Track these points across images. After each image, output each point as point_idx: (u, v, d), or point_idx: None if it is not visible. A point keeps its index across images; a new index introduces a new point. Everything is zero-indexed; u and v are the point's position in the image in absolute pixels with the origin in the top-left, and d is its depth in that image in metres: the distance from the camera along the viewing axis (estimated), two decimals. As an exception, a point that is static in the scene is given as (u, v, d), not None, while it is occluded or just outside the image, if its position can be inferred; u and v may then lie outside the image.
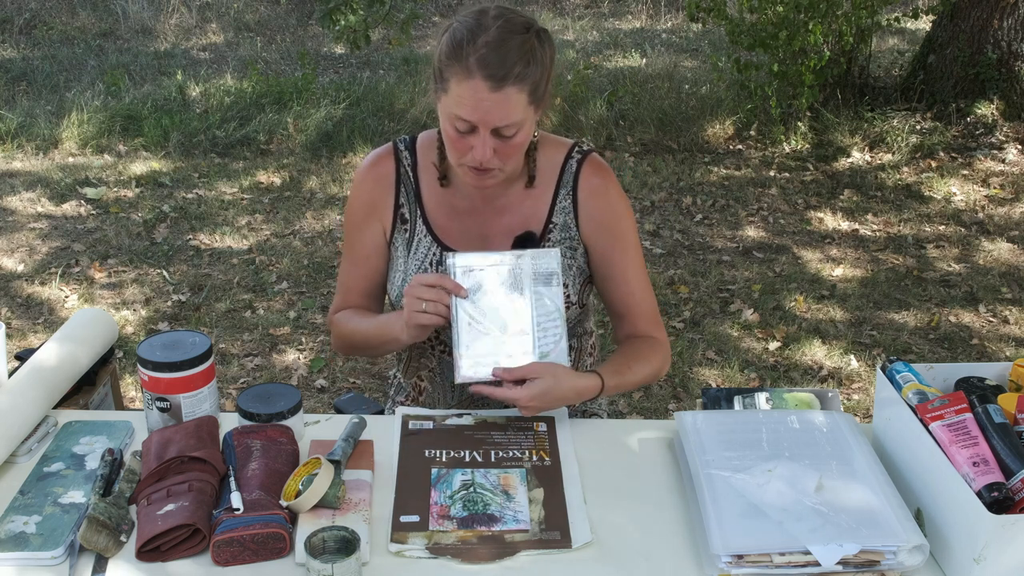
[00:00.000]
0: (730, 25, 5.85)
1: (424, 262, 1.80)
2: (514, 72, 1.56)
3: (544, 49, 1.63)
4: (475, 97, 1.57)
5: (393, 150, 1.83)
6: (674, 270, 4.49)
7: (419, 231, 1.81)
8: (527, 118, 1.63)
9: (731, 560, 1.35)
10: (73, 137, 5.88)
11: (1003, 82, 6.08)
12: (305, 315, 4.05)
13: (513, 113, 1.59)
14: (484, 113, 1.58)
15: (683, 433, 1.62)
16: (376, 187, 1.83)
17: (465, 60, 1.56)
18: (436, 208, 1.81)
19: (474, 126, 1.60)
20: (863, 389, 3.57)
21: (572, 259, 1.81)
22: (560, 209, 1.80)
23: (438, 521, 1.46)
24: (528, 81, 1.59)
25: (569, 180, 1.79)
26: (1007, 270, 4.54)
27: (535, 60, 1.60)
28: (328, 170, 5.61)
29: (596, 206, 1.80)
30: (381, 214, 1.83)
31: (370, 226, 1.84)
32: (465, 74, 1.57)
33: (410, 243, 1.82)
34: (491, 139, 1.61)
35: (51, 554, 1.37)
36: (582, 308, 1.86)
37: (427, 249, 1.80)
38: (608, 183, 1.81)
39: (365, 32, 5.56)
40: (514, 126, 1.61)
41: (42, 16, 8.56)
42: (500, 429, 1.68)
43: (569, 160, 1.80)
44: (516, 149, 1.65)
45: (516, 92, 1.58)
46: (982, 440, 1.41)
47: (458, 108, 1.59)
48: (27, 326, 3.91)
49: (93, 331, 1.90)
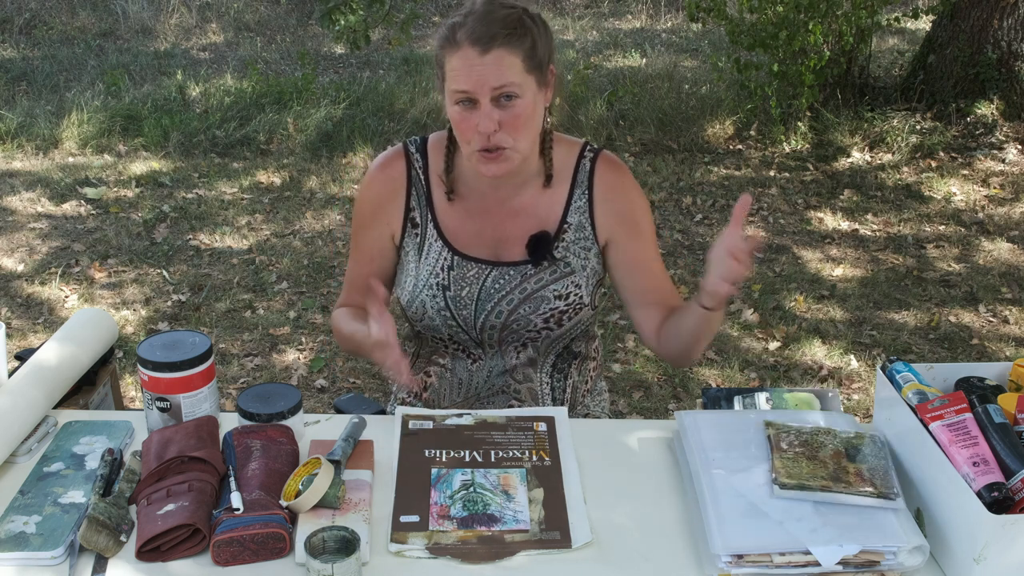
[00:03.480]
0: (730, 25, 5.85)
1: (436, 267, 1.79)
2: (502, 34, 1.59)
3: (536, 24, 1.65)
4: (467, 64, 1.59)
5: (404, 152, 1.82)
6: (674, 270, 4.49)
7: (430, 235, 1.80)
8: (527, 87, 1.62)
9: (731, 560, 1.35)
10: (73, 137, 5.88)
11: (1003, 82, 6.08)
12: (305, 315, 4.05)
13: (507, 73, 1.59)
14: (478, 77, 1.59)
15: (683, 433, 1.62)
16: (385, 189, 1.82)
17: (454, 37, 1.61)
18: (448, 211, 1.80)
19: (474, 98, 1.60)
20: (863, 389, 3.57)
21: (586, 259, 1.80)
22: (575, 208, 1.79)
23: (438, 521, 1.46)
24: (518, 46, 1.60)
25: (584, 179, 1.79)
26: (1007, 270, 4.54)
27: (523, 27, 1.62)
28: (328, 170, 5.60)
29: (616, 201, 1.80)
30: (389, 217, 1.82)
31: (376, 228, 1.83)
32: (455, 48, 1.60)
33: (421, 248, 1.81)
34: (493, 109, 1.61)
35: (51, 554, 1.37)
36: (593, 309, 1.86)
37: (438, 254, 1.79)
38: (624, 178, 1.82)
39: (365, 32, 5.56)
40: (511, 87, 1.60)
41: (42, 16, 8.56)
42: (500, 429, 1.68)
43: (582, 159, 1.80)
44: (520, 121, 1.63)
45: (507, 54, 1.59)
46: (982, 440, 1.41)
47: (454, 82, 1.61)
48: (27, 326, 3.91)
49: (93, 331, 1.90)
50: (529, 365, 1.86)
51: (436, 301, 1.79)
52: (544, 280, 1.78)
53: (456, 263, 1.78)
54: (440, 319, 1.80)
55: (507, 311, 1.78)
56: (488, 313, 1.79)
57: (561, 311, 1.78)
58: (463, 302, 1.79)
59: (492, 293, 1.78)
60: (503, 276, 1.78)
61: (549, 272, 1.78)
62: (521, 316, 1.78)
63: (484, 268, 1.78)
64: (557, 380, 1.90)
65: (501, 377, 1.87)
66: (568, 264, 1.78)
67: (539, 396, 1.89)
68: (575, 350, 1.89)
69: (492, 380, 1.87)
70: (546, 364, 1.87)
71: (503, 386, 1.88)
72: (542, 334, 1.81)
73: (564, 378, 1.90)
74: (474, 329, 1.81)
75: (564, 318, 1.79)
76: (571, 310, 1.79)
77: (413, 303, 1.81)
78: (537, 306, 1.78)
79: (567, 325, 1.81)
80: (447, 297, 1.78)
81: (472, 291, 1.78)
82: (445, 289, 1.78)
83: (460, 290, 1.78)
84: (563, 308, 1.78)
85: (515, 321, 1.79)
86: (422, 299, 1.79)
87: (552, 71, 1.70)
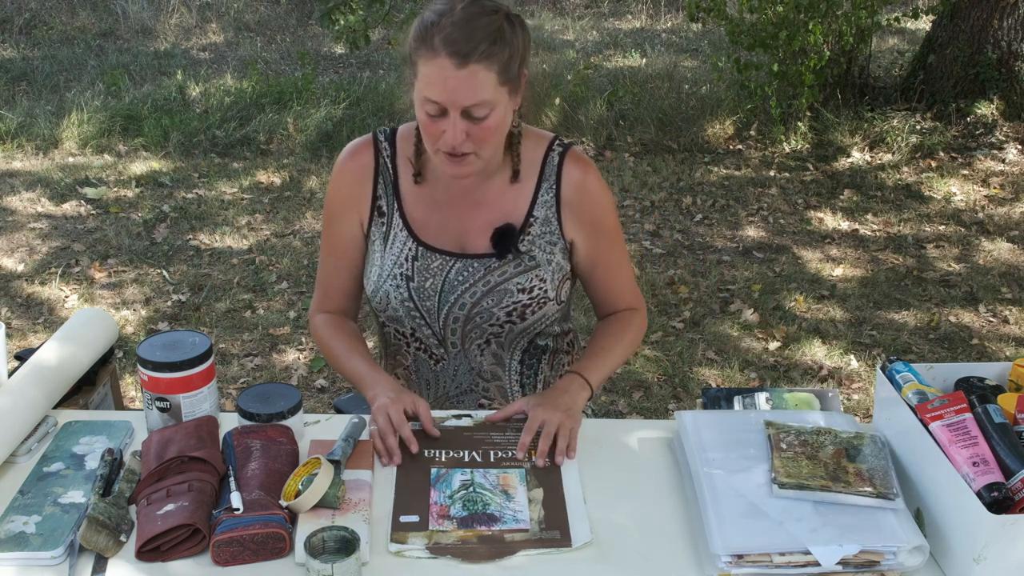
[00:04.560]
0: (730, 25, 5.85)
1: (400, 257, 1.78)
2: (479, 49, 1.55)
3: (515, 31, 1.61)
4: (441, 76, 1.56)
5: (373, 141, 1.81)
6: (674, 270, 4.49)
7: (396, 224, 1.79)
8: (499, 100, 1.60)
9: (731, 560, 1.35)
10: (73, 137, 5.88)
11: (1003, 82, 6.08)
12: (305, 315, 4.05)
13: (481, 92, 1.57)
14: (451, 92, 1.56)
15: (683, 433, 1.62)
16: (354, 178, 1.80)
17: (431, 40, 1.56)
18: (414, 202, 1.79)
19: (444, 108, 1.58)
20: (863, 389, 3.57)
21: (551, 254, 1.79)
22: (542, 203, 1.78)
23: (438, 521, 1.46)
24: (496, 60, 1.57)
25: (552, 173, 1.77)
26: (1007, 270, 4.54)
27: (503, 40, 1.58)
28: (328, 170, 5.60)
29: (582, 200, 1.78)
30: (359, 205, 1.81)
31: (348, 217, 1.82)
32: (431, 54, 1.56)
33: (387, 237, 1.80)
34: (462, 121, 1.59)
35: (51, 554, 1.37)
36: (560, 304, 1.85)
37: (403, 244, 1.78)
38: (592, 176, 1.80)
39: (365, 32, 5.56)
40: (484, 106, 1.58)
41: (42, 16, 8.56)
42: (500, 430, 1.68)
43: (551, 153, 1.78)
44: (489, 133, 1.62)
45: (483, 70, 1.56)
46: (982, 440, 1.41)
47: (426, 89, 1.58)
48: (27, 326, 3.91)
49: (93, 331, 1.90)
50: (496, 363, 1.86)
51: (400, 292, 1.78)
52: (508, 273, 1.77)
53: (420, 254, 1.77)
54: (403, 310, 1.79)
55: (470, 303, 1.78)
56: (451, 305, 1.78)
57: (524, 304, 1.78)
58: (426, 293, 1.78)
59: (456, 285, 1.77)
60: (467, 268, 1.77)
61: (513, 265, 1.77)
62: (484, 309, 1.77)
63: (448, 260, 1.77)
64: (527, 377, 1.89)
65: (468, 376, 1.87)
66: (533, 258, 1.77)
67: (508, 393, 1.89)
68: (540, 344, 1.88)
69: (459, 380, 1.87)
70: (513, 361, 1.87)
71: (471, 385, 1.88)
72: (505, 328, 1.80)
73: (534, 373, 1.90)
74: (437, 322, 1.80)
75: (527, 312, 1.79)
76: (535, 304, 1.78)
77: (377, 293, 1.80)
78: (500, 299, 1.77)
79: (530, 319, 1.80)
80: (411, 288, 1.78)
81: (436, 282, 1.78)
82: (409, 280, 1.78)
83: (424, 281, 1.78)
84: (527, 302, 1.77)
85: (478, 314, 1.78)
86: (386, 289, 1.79)
87: (524, 75, 1.67)
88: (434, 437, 1.64)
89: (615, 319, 1.90)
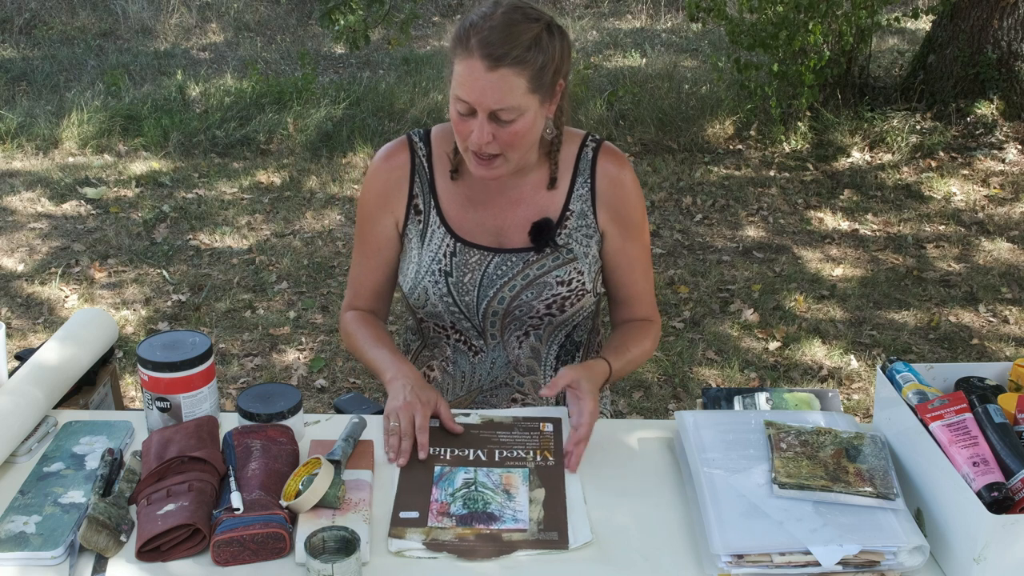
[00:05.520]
0: (730, 25, 5.85)
1: (438, 253, 1.80)
2: (512, 54, 1.57)
3: (553, 41, 1.63)
4: (471, 77, 1.58)
5: (407, 141, 1.84)
6: (674, 270, 4.49)
7: (433, 222, 1.81)
8: (528, 107, 1.62)
9: (731, 560, 1.35)
10: (73, 137, 5.88)
11: (1003, 82, 6.08)
12: (305, 315, 4.05)
13: (509, 97, 1.59)
14: (479, 94, 1.59)
15: (683, 433, 1.62)
16: (390, 178, 1.83)
17: (468, 41, 1.59)
18: (450, 199, 1.82)
19: (473, 108, 1.61)
20: (863, 389, 3.57)
21: (588, 247, 1.81)
22: (577, 196, 1.80)
23: (437, 518, 1.46)
24: (527, 67, 1.59)
25: (586, 168, 1.80)
26: (1007, 270, 4.54)
27: (538, 47, 1.60)
28: (328, 170, 5.61)
29: (615, 195, 1.81)
30: (394, 206, 1.83)
31: (383, 218, 1.84)
32: (466, 54, 1.59)
33: (424, 234, 1.82)
34: (489, 123, 1.61)
35: (51, 554, 1.37)
36: (596, 296, 1.87)
37: (440, 240, 1.81)
38: (626, 172, 1.83)
39: (365, 32, 5.56)
40: (511, 111, 1.60)
41: (42, 16, 8.56)
42: (506, 429, 1.69)
43: (584, 148, 1.81)
44: (516, 138, 1.64)
45: (513, 75, 1.58)
46: (982, 440, 1.41)
47: (458, 88, 1.61)
48: (27, 326, 3.91)
49: (93, 331, 1.90)
50: (533, 357, 1.87)
51: (438, 287, 1.80)
52: (547, 266, 1.79)
53: (459, 249, 1.80)
54: (443, 305, 1.81)
55: (509, 297, 1.79)
56: (491, 299, 1.80)
57: (564, 297, 1.80)
58: (465, 288, 1.80)
59: (495, 279, 1.79)
60: (506, 262, 1.79)
61: (552, 258, 1.79)
62: (524, 302, 1.79)
63: (487, 254, 1.80)
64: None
65: (504, 369, 1.88)
66: (571, 251, 1.80)
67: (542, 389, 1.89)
68: (577, 339, 1.90)
69: (495, 372, 1.88)
70: (550, 355, 1.88)
71: (506, 379, 1.89)
72: (544, 320, 1.82)
73: None
74: (476, 315, 1.82)
75: (567, 304, 1.81)
76: (573, 296, 1.80)
77: (415, 290, 1.82)
78: (540, 292, 1.79)
79: (569, 311, 1.82)
80: (449, 283, 1.80)
81: (475, 277, 1.79)
82: (447, 275, 1.79)
83: (463, 276, 1.79)
84: (566, 294, 1.79)
85: (518, 307, 1.80)
86: (424, 285, 1.80)
87: (561, 85, 1.69)
88: (456, 433, 1.66)
89: (635, 325, 1.90)
